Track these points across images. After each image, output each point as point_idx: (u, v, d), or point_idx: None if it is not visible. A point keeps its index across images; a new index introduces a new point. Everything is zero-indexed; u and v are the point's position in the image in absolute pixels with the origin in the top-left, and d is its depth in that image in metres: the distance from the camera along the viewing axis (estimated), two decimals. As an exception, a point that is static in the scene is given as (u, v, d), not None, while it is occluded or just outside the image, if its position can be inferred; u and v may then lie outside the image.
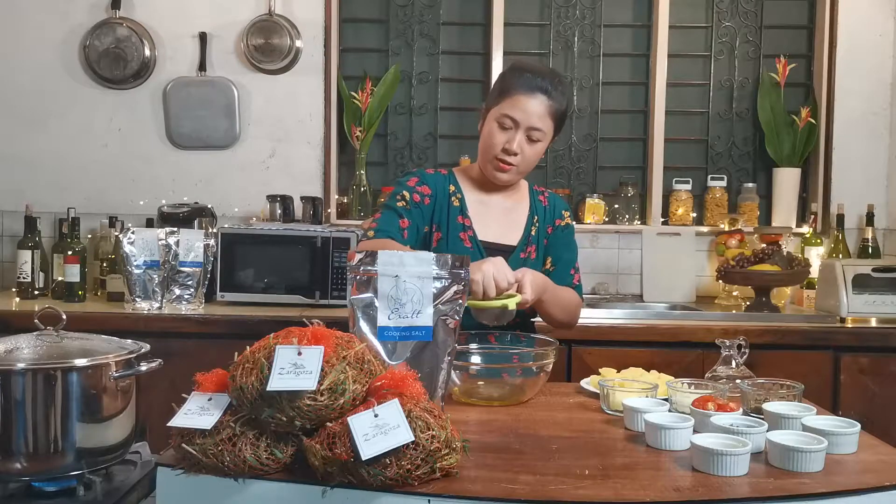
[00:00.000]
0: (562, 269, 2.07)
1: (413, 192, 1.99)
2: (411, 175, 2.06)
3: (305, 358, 1.16)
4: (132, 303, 2.84)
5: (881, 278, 2.86)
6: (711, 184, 3.46)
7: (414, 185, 2.00)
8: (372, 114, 3.39)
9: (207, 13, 3.40)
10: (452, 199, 2.02)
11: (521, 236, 2.05)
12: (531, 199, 2.11)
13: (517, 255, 2.02)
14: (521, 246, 2.04)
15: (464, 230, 2.00)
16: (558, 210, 2.13)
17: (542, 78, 1.93)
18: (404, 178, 2.07)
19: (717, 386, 1.55)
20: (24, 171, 3.41)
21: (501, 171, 1.96)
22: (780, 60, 3.42)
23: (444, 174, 2.07)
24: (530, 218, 2.07)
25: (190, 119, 3.39)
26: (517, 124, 1.91)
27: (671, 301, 3.29)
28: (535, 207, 2.09)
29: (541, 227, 2.08)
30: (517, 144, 1.92)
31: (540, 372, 1.69)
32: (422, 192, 2.00)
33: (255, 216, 3.36)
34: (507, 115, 1.92)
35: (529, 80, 1.92)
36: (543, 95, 1.91)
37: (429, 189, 2.00)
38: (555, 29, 3.50)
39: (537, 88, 1.91)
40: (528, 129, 1.92)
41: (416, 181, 2.02)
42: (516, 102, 1.91)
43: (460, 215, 2.01)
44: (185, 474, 1.18)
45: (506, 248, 2.02)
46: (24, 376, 1.31)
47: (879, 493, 1.18)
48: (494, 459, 1.27)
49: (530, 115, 1.91)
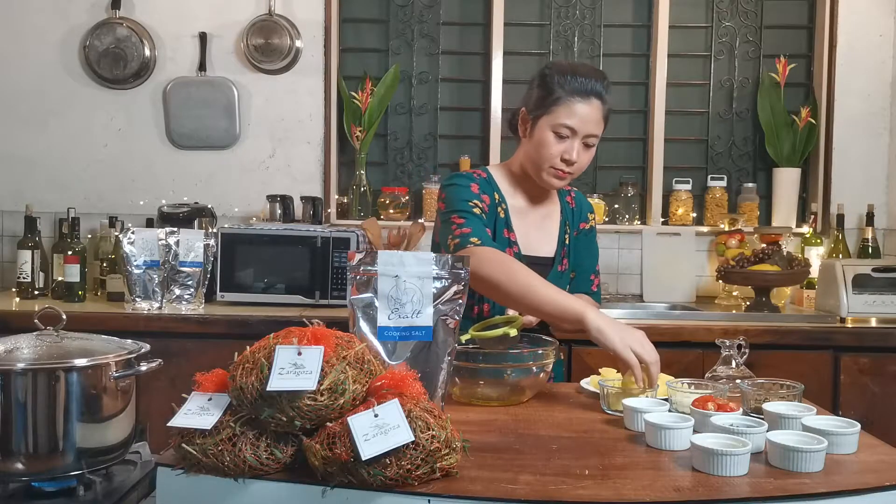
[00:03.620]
0: (581, 276, 2.03)
1: (480, 200, 1.88)
2: (469, 179, 1.92)
3: (305, 358, 1.16)
4: (132, 303, 2.84)
5: (881, 278, 2.86)
6: (711, 184, 3.46)
7: (479, 194, 1.89)
8: (372, 114, 3.39)
9: (207, 13, 3.40)
10: (499, 209, 1.93)
11: (557, 246, 1.98)
12: (561, 201, 2.04)
13: (556, 268, 1.97)
14: (559, 258, 1.98)
15: (510, 245, 1.92)
16: (584, 212, 2.06)
17: (594, 80, 1.84)
18: (462, 181, 1.91)
19: (717, 386, 1.55)
20: (24, 171, 3.41)
21: (559, 179, 1.88)
22: (780, 60, 3.42)
23: (485, 178, 1.95)
24: (563, 224, 2.01)
25: (190, 119, 3.39)
26: (575, 132, 1.83)
27: (671, 301, 3.29)
28: (565, 211, 2.02)
29: (570, 233, 2.02)
30: (576, 153, 1.84)
31: (540, 372, 1.69)
32: (485, 201, 1.90)
33: (255, 216, 3.36)
34: (564, 125, 1.83)
35: (584, 85, 1.83)
36: (598, 100, 1.84)
37: (487, 198, 1.91)
38: (555, 29, 3.50)
39: (592, 93, 1.83)
40: (586, 137, 1.84)
41: (477, 189, 1.90)
42: (573, 110, 1.82)
43: (506, 229, 1.93)
44: (185, 474, 1.18)
45: (544, 260, 1.96)
46: (24, 376, 1.31)
47: (879, 493, 1.18)
48: (494, 459, 1.27)
49: (588, 123, 1.83)
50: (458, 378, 1.63)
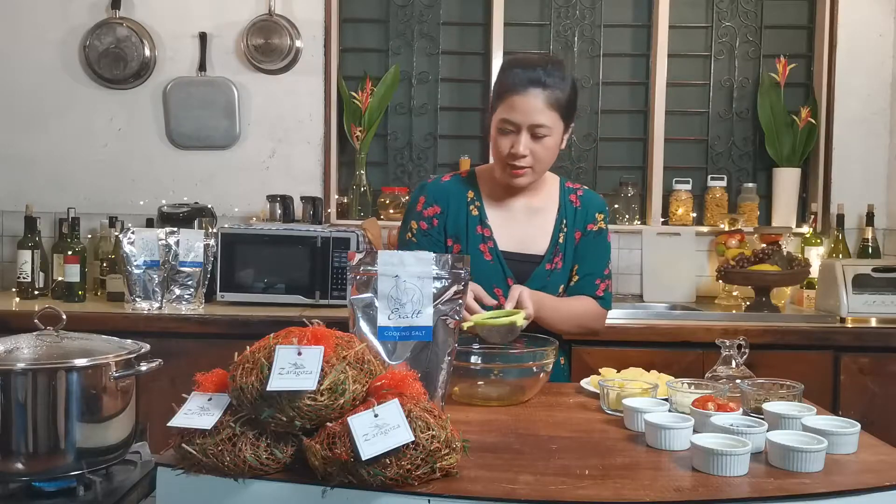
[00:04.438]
0: (587, 279, 1.97)
1: (420, 219, 1.93)
2: (420, 192, 1.97)
3: (305, 358, 1.16)
4: (132, 303, 2.84)
5: (881, 278, 2.86)
6: (711, 184, 3.46)
7: (421, 210, 1.94)
8: (372, 114, 3.39)
9: (207, 13, 3.40)
10: (471, 207, 1.94)
11: (549, 244, 1.94)
12: (561, 198, 1.98)
13: (543, 266, 1.93)
14: (549, 256, 1.94)
15: (483, 241, 1.92)
16: (591, 212, 1.99)
17: (532, 70, 1.80)
18: (414, 196, 1.99)
19: (717, 386, 1.55)
20: (24, 171, 3.41)
21: (516, 177, 1.86)
22: (780, 60, 3.42)
23: (463, 176, 1.98)
24: (558, 222, 1.96)
25: (190, 119, 3.39)
26: (518, 126, 1.81)
27: (671, 301, 3.29)
28: (565, 209, 1.97)
29: (569, 232, 1.96)
30: (523, 146, 1.81)
31: (540, 372, 1.68)
32: (430, 215, 1.93)
33: (255, 216, 3.36)
34: (504, 120, 1.82)
35: (520, 76, 1.80)
36: (537, 88, 1.79)
37: (438, 207, 1.94)
38: (555, 29, 3.50)
39: (529, 83, 1.79)
40: (531, 128, 1.80)
41: (424, 202, 1.95)
42: (511, 104, 1.81)
43: (479, 225, 1.93)
44: (185, 474, 1.18)
45: (532, 258, 1.93)
46: (24, 376, 1.31)
47: (879, 493, 1.18)
48: (494, 459, 1.27)
49: (528, 114, 1.79)
50: (458, 378, 1.63)
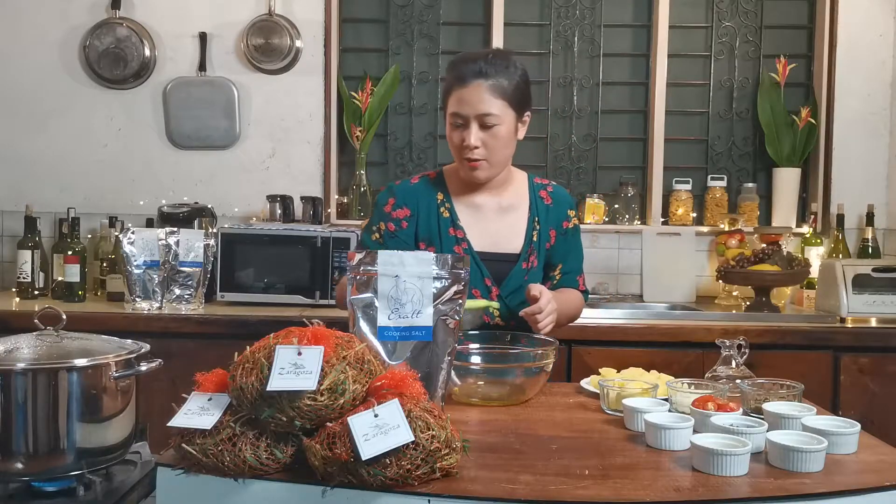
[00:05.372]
0: (568, 277, 2.02)
1: (388, 220, 1.94)
2: (389, 194, 1.98)
3: (305, 358, 1.16)
4: (132, 303, 2.84)
5: (881, 278, 2.86)
6: (711, 184, 3.46)
7: (390, 212, 1.95)
8: (372, 114, 3.39)
9: (207, 13, 3.40)
10: (441, 209, 1.95)
11: (524, 242, 1.96)
12: (531, 196, 2.00)
13: (520, 265, 1.94)
14: (525, 255, 1.95)
15: (457, 243, 1.92)
16: (563, 209, 2.01)
17: (472, 62, 1.84)
18: (382, 197, 1.99)
19: (717, 386, 1.55)
20: (24, 171, 3.41)
21: (473, 170, 1.88)
22: (780, 60, 3.42)
23: (432, 178, 2.00)
24: (531, 220, 1.97)
25: (190, 119, 3.39)
26: (466, 118, 1.83)
27: (671, 301, 3.28)
28: (536, 207, 1.99)
29: (542, 230, 1.98)
30: (474, 138, 1.83)
31: (540, 372, 1.69)
32: (399, 217, 1.94)
33: (255, 216, 3.36)
34: (453, 114, 1.86)
35: (461, 70, 1.85)
36: (479, 79, 1.82)
37: (408, 210, 1.94)
38: (555, 29, 3.50)
39: (470, 75, 1.83)
40: (479, 118, 1.83)
41: (393, 203, 1.95)
42: (456, 98, 1.85)
43: (452, 227, 1.93)
44: (185, 474, 1.18)
45: (508, 257, 1.94)
46: (24, 376, 1.31)
47: (879, 493, 1.18)
48: (494, 459, 1.27)
49: (473, 105, 1.82)
50: (458, 378, 1.63)
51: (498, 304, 1.90)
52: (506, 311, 1.95)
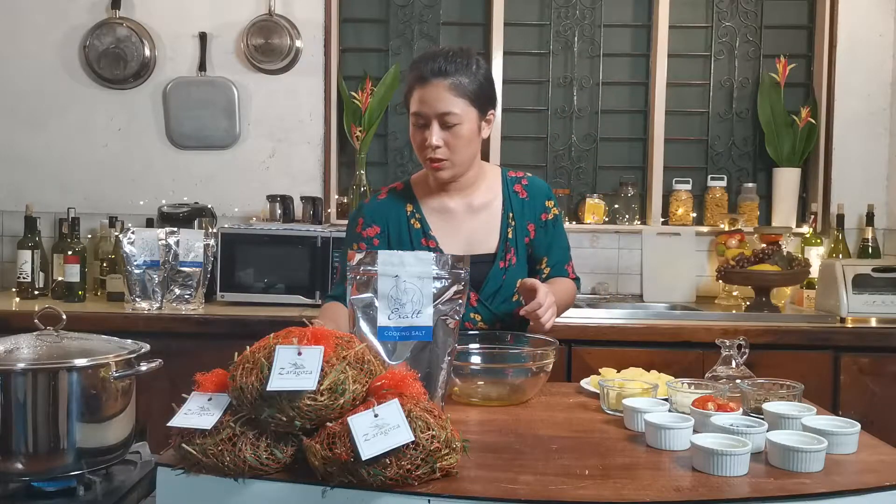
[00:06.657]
0: (557, 268, 1.99)
1: (360, 240, 1.93)
2: (358, 214, 1.97)
3: (305, 358, 1.16)
4: (132, 303, 2.84)
5: (881, 278, 2.86)
6: (711, 184, 3.46)
7: (360, 231, 1.93)
8: (372, 114, 3.39)
9: (207, 13, 3.40)
10: (412, 220, 1.93)
11: (499, 240, 1.92)
12: (504, 191, 1.96)
13: (497, 265, 1.91)
14: (501, 253, 1.92)
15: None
16: (540, 201, 1.97)
17: (433, 61, 1.81)
18: (353, 218, 1.99)
19: (717, 386, 1.55)
20: (24, 171, 3.41)
21: (437, 170, 1.86)
22: (780, 60, 3.42)
23: (399, 189, 1.98)
24: (505, 216, 1.93)
25: (190, 119, 3.39)
26: (427, 117, 1.81)
27: (671, 301, 3.29)
28: (510, 202, 1.95)
29: (519, 225, 1.94)
30: (436, 138, 1.80)
31: (540, 372, 1.69)
32: (369, 236, 1.93)
33: (255, 216, 3.36)
34: (414, 114, 1.83)
35: (420, 70, 1.82)
36: (438, 78, 1.79)
37: (377, 227, 1.93)
38: (555, 29, 3.50)
39: (429, 74, 1.80)
40: (440, 118, 1.80)
41: (362, 223, 1.94)
42: (417, 97, 1.82)
43: (423, 237, 1.91)
44: (185, 474, 1.18)
45: (483, 258, 1.90)
46: (24, 376, 1.31)
47: (879, 493, 1.18)
48: (494, 459, 1.27)
49: (432, 104, 1.79)
50: (458, 378, 1.63)
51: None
52: (489, 315, 1.93)
